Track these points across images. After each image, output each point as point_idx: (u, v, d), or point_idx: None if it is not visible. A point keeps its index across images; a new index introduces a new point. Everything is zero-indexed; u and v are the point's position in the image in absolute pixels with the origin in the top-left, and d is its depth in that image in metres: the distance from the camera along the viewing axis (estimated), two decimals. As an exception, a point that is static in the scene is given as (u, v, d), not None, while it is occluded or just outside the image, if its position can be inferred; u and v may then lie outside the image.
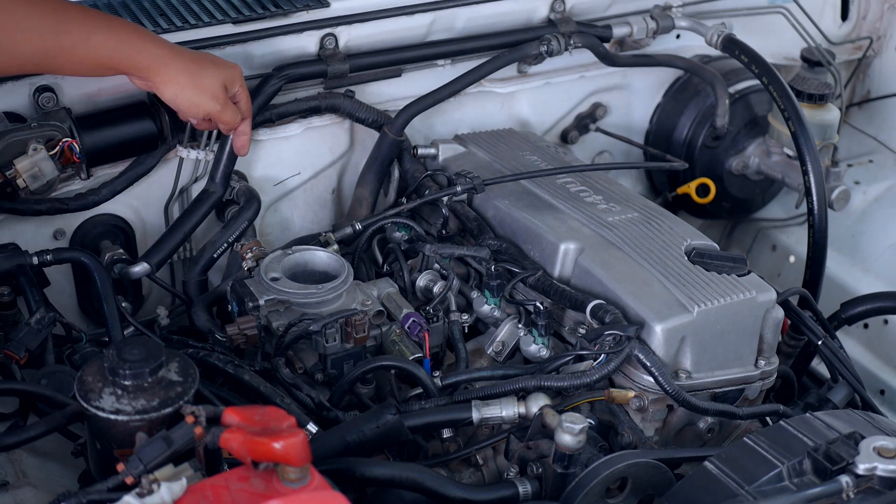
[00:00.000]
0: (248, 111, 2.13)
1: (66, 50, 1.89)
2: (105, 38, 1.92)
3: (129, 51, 1.95)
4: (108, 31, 1.93)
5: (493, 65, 2.45)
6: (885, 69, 3.04)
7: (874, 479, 1.53)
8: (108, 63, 1.94)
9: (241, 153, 2.19)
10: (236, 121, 2.10)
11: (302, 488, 1.39)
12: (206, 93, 2.02)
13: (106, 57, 1.93)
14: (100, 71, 1.98)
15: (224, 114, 2.06)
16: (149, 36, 2.00)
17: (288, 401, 1.81)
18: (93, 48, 1.91)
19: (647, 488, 1.74)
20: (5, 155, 2.05)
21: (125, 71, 1.98)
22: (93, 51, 1.91)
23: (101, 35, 1.92)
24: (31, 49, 1.86)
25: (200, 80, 2.02)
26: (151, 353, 1.50)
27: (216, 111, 2.05)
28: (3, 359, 1.89)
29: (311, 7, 2.29)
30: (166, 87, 2.00)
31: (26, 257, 2.05)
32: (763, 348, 1.98)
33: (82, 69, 1.96)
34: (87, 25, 1.91)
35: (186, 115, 2.07)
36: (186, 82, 2.00)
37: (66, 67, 1.95)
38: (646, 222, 2.11)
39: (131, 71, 1.98)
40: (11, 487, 1.69)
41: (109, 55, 1.93)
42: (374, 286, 2.06)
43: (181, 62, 2.00)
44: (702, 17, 2.67)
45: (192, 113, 2.05)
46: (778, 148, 2.71)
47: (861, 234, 2.83)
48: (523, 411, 1.81)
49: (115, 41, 1.93)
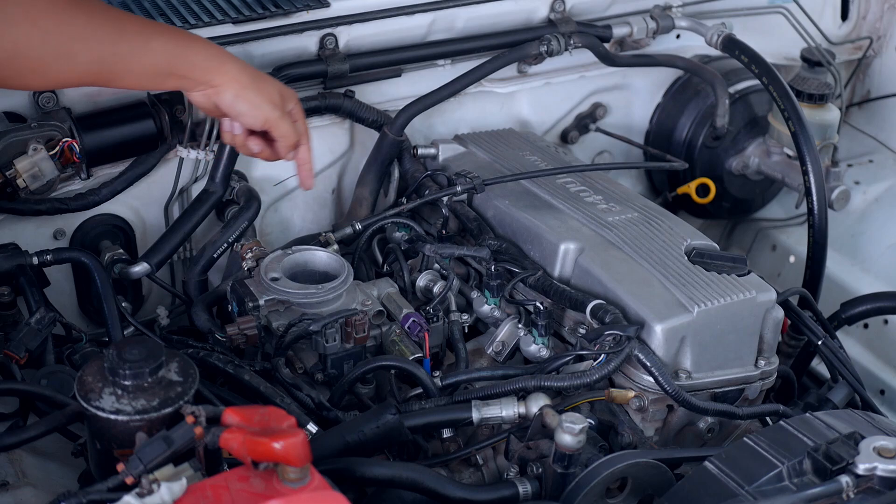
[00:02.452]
0: (306, 133, 2.04)
1: (124, 57, 1.85)
2: (163, 43, 1.88)
3: (187, 53, 1.91)
4: (166, 36, 1.90)
5: (493, 65, 2.45)
6: (885, 69, 3.04)
7: (874, 479, 1.53)
8: (167, 69, 1.90)
9: (307, 187, 2.07)
10: (294, 136, 2.00)
11: (302, 488, 1.39)
12: (266, 97, 1.96)
13: (164, 62, 1.89)
14: (159, 79, 1.93)
15: (282, 124, 1.98)
16: (204, 41, 1.97)
17: (288, 401, 1.81)
18: (150, 53, 1.87)
19: (647, 488, 1.74)
20: (5, 155, 2.05)
21: (184, 76, 1.92)
22: (150, 56, 1.87)
23: (159, 40, 1.88)
24: (91, 57, 1.82)
25: (260, 83, 1.97)
26: (151, 353, 1.50)
27: (275, 118, 1.97)
28: (3, 359, 1.89)
29: (311, 7, 2.29)
30: (227, 88, 1.93)
31: (26, 257, 2.05)
32: (763, 348, 1.98)
33: (142, 78, 1.92)
34: (144, 32, 1.88)
35: (246, 118, 1.97)
36: (248, 82, 1.95)
37: (126, 76, 1.90)
38: (646, 222, 2.11)
39: (190, 74, 1.92)
40: (11, 487, 1.69)
41: (168, 60, 1.89)
42: (374, 286, 2.06)
43: (240, 64, 1.97)
44: (702, 17, 2.67)
45: (252, 116, 1.96)
46: (778, 148, 2.71)
47: (861, 234, 2.83)
48: (523, 411, 1.81)
49: (173, 45, 1.90)
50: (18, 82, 1.84)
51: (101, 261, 2.13)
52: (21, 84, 1.86)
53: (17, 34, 1.72)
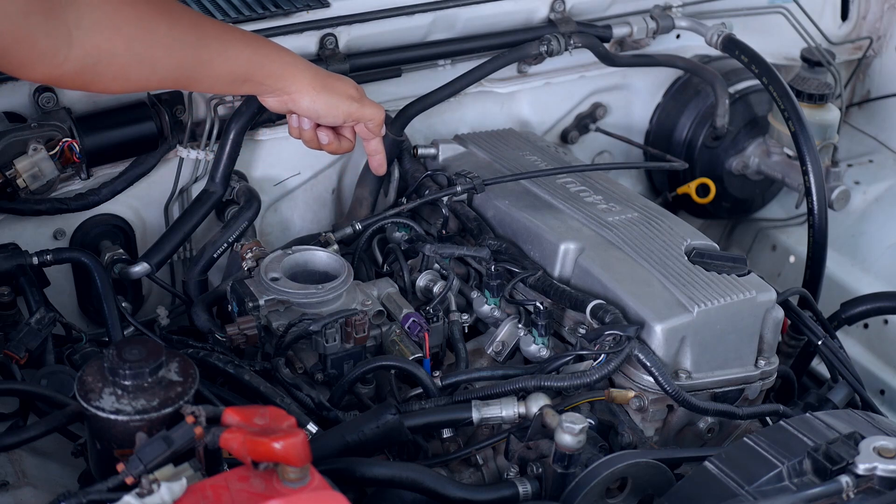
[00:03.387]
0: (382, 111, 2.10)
1: (205, 63, 1.88)
2: (241, 50, 1.91)
3: (264, 60, 1.95)
4: (244, 43, 1.93)
5: (493, 65, 2.44)
6: (885, 69, 3.04)
7: (874, 479, 1.53)
8: (245, 75, 1.94)
9: (380, 172, 2.19)
10: (380, 113, 2.08)
11: (302, 488, 1.39)
12: (341, 94, 2.03)
13: (242, 69, 1.92)
14: (235, 85, 1.97)
15: (365, 110, 2.05)
16: (280, 47, 2.01)
17: (288, 401, 1.81)
18: (230, 60, 1.90)
19: (647, 488, 1.74)
20: (5, 155, 2.05)
21: (260, 82, 1.97)
22: (230, 63, 1.90)
23: (237, 47, 1.91)
24: (173, 63, 1.84)
25: (332, 84, 2.02)
26: (151, 353, 1.50)
27: (356, 109, 2.04)
28: (3, 359, 1.89)
29: (311, 7, 2.29)
30: (303, 96, 2.00)
31: (26, 257, 2.04)
32: (763, 348, 1.98)
33: (218, 83, 1.95)
34: (224, 38, 1.90)
35: (325, 119, 2.05)
36: (321, 86, 2.00)
37: (205, 82, 1.94)
38: (646, 222, 2.11)
39: (266, 81, 1.97)
40: (11, 487, 1.69)
41: (245, 67, 1.93)
42: (374, 286, 2.06)
43: (312, 69, 2.01)
44: (702, 17, 2.67)
45: (331, 116, 2.03)
46: (778, 148, 2.71)
47: (861, 234, 2.83)
48: (523, 411, 1.81)
49: (250, 52, 1.93)
50: (100, 86, 1.84)
51: (101, 261, 2.13)
52: (102, 88, 1.85)
53: (101, 40, 1.73)
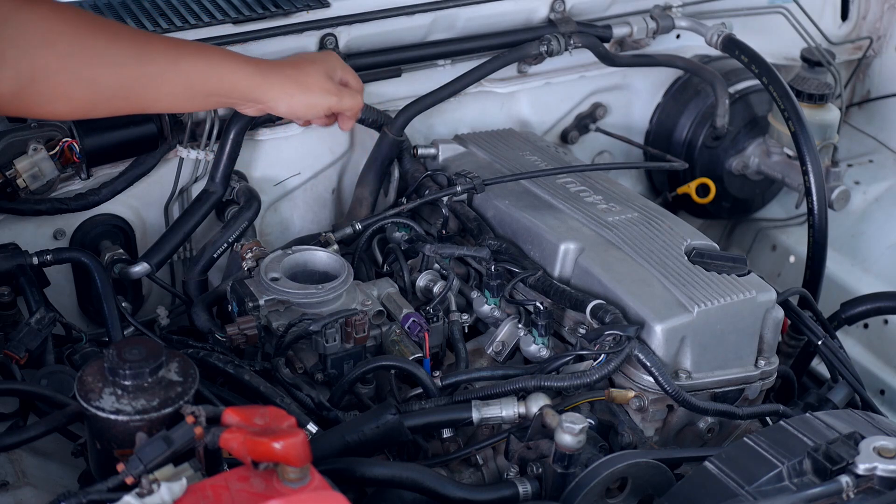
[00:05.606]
0: (361, 87, 2.11)
1: (153, 79, 1.82)
2: (193, 63, 1.86)
3: (222, 72, 1.89)
4: (196, 56, 1.87)
5: (493, 65, 2.44)
6: (885, 69, 3.04)
7: (874, 479, 1.53)
8: (206, 89, 1.88)
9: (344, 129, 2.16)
10: (357, 103, 2.07)
11: (302, 488, 1.39)
12: (317, 91, 2.00)
13: (199, 82, 1.87)
14: (198, 100, 1.92)
15: (343, 102, 2.04)
16: (237, 56, 1.95)
17: (288, 401, 1.81)
18: (182, 73, 1.84)
19: (647, 488, 1.74)
20: (5, 155, 2.05)
21: (226, 95, 1.92)
22: (183, 77, 1.85)
23: (189, 60, 1.85)
24: (116, 81, 1.79)
25: (305, 81, 1.98)
26: (151, 353, 1.50)
27: (334, 102, 2.02)
28: (3, 359, 1.89)
29: (311, 7, 2.29)
30: (278, 104, 1.97)
31: (26, 257, 2.05)
32: (763, 348, 1.98)
33: (178, 100, 1.90)
34: (171, 52, 1.84)
35: (307, 118, 2.05)
36: (295, 90, 1.97)
37: (159, 100, 1.87)
38: (646, 222, 2.11)
39: (232, 94, 1.92)
40: (11, 487, 1.69)
41: (202, 80, 1.87)
42: (374, 286, 2.06)
43: (280, 72, 1.96)
44: (702, 17, 2.67)
45: (312, 114, 2.02)
46: (778, 148, 2.71)
47: (861, 234, 2.83)
48: (523, 411, 1.81)
49: (205, 64, 1.87)
50: (44, 109, 1.79)
51: (101, 261, 2.13)
52: (46, 111, 1.80)
53: (35, 58, 1.69)
